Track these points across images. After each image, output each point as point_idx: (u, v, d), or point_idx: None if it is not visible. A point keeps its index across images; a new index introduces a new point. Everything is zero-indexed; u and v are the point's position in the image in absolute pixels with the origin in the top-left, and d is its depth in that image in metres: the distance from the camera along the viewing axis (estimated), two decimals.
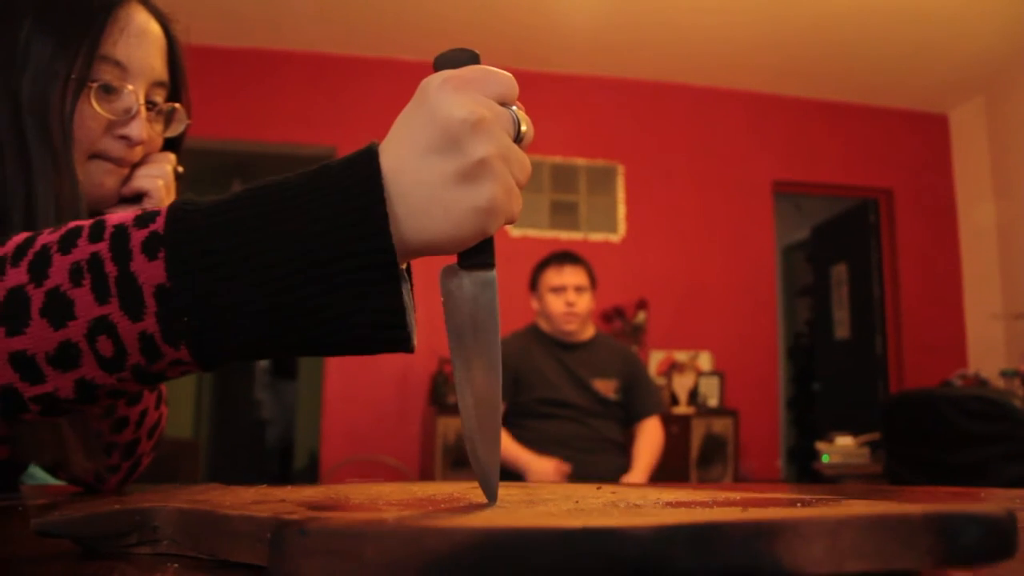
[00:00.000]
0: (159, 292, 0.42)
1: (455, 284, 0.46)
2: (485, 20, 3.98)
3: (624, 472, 2.42)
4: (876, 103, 4.88)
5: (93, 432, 0.78)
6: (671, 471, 3.91)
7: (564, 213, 4.50)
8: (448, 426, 3.77)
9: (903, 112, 4.94)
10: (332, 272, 0.42)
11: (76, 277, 0.43)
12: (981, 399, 2.12)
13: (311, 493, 0.53)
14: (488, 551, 0.28)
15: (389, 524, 0.29)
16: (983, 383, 3.91)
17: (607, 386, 2.49)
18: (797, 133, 4.81)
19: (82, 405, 0.46)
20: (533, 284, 2.59)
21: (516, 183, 0.46)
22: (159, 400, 0.85)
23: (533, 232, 4.38)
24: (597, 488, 0.56)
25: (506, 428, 2.36)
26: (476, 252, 0.46)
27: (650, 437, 2.48)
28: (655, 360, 4.43)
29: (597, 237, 4.50)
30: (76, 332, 0.43)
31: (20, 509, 0.66)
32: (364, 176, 0.43)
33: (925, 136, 4.98)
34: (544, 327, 2.54)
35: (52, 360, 0.43)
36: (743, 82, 4.67)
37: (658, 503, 0.44)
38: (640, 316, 4.42)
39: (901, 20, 3.87)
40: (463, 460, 3.69)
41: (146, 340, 0.43)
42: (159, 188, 0.81)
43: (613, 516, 0.35)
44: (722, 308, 4.57)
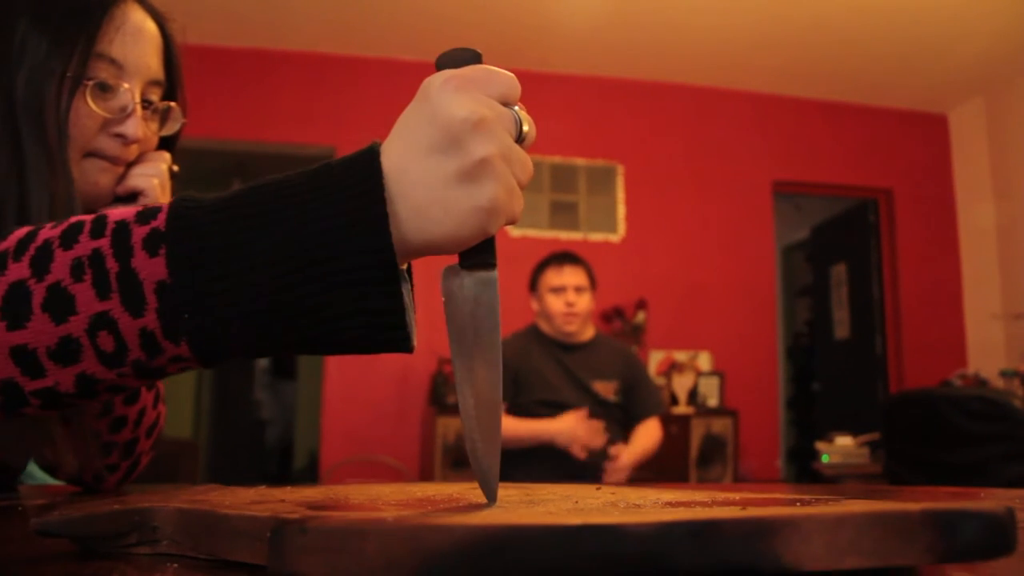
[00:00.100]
0: (160, 288, 0.42)
1: (456, 284, 0.46)
2: (485, 20, 3.98)
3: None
4: (876, 103, 4.88)
5: (86, 431, 0.78)
6: (671, 471, 3.90)
7: (564, 213, 4.50)
8: (448, 426, 3.76)
9: (903, 112, 4.94)
10: (332, 271, 0.42)
11: (78, 272, 0.43)
12: (981, 399, 2.12)
13: (310, 493, 0.53)
14: (488, 548, 0.28)
15: (389, 522, 0.29)
16: (983, 383, 3.91)
17: (607, 388, 2.48)
18: (797, 133, 4.81)
19: (82, 400, 0.46)
20: (533, 285, 2.59)
21: (518, 183, 0.45)
22: (157, 399, 0.85)
23: (533, 232, 4.37)
24: (596, 488, 0.56)
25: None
26: (477, 252, 0.46)
27: (647, 430, 2.46)
28: (655, 360, 4.42)
29: (597, 237, 4.50)
30: (77, 327, 0.43)
31: (19, 509, 0.66)
32: (365, 175, 0.43)
33: (925, 136, 4.98)
34: (544, 328, 2.54)
35: (53, 354, 0.44)
36: (743, 82, 4.67)
37: (658, 503, 0.44)
38: (640, 316, 4.42)
39: (901, 20, 3.87)
40: (463, 460, 3.69)
41: (146, 336, 0.43)
42: (154, 187, 0.81)
43: (613, 515, 0.35)
44: (722, 308, 4.57)
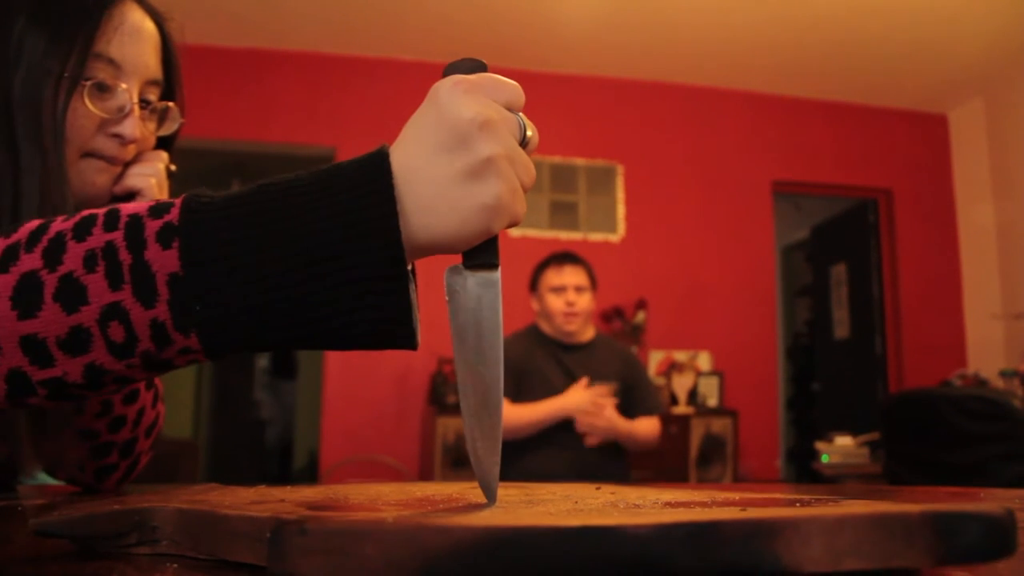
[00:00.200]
0: (172, 280, 0.43)
1: (459, 284, 0.47)
2: (485, 20, 3.98)
3: (623, 477, 2.41)
4: (875, 103, 4.88)
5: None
6: (670, 471, 3.90)
7: (563, 213, 4.50)
8: (447, 426, 3.76)
9: (902, 112, 4.94)
10: (341, 267, 0.43)
11: (90, 264, 0.44)
12: (981, 399, 2.12)
13: (310, 493, 0.53)
14: (487, 549, 0.28)
15: (389, 523, 0.29)
16: (983, 383, 3.91)
17: (606, 389, 2.48)
18: (796, 133, 4.81)
19: (88, 391, 0.47)
20: (533, 284, 2.58)
21: (521, 185, 0.47)
22: (156, 398, 0.85)
23: (533, 232, 4.37)
24: (596, 488, 0.56)
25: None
26: (480, 251, 0.47)
27: (646, 422, 2.45)
28: (654, 360, 4.42)
29: (596, 237, 4.50)
30: (88, 317, 0.44)
31: (19, 509, 0.66)
32: (375, 175, 0.44)
33: (924, 136, 4.98)
34: (544, 328, 2.54)
35: (63, 344, 0.44)
36: (742, 82, 4.67)
37: (657, 503, 0.44)
38: (639, 316, 4.42)
39: (901, 20, 3.87)
40: (462, 460, 3.69)
41: (157, 327, 0.44)
42: (152, 186, 0.81)
43: (612, 516, 0.35)
44: (721, 308, 4.57)
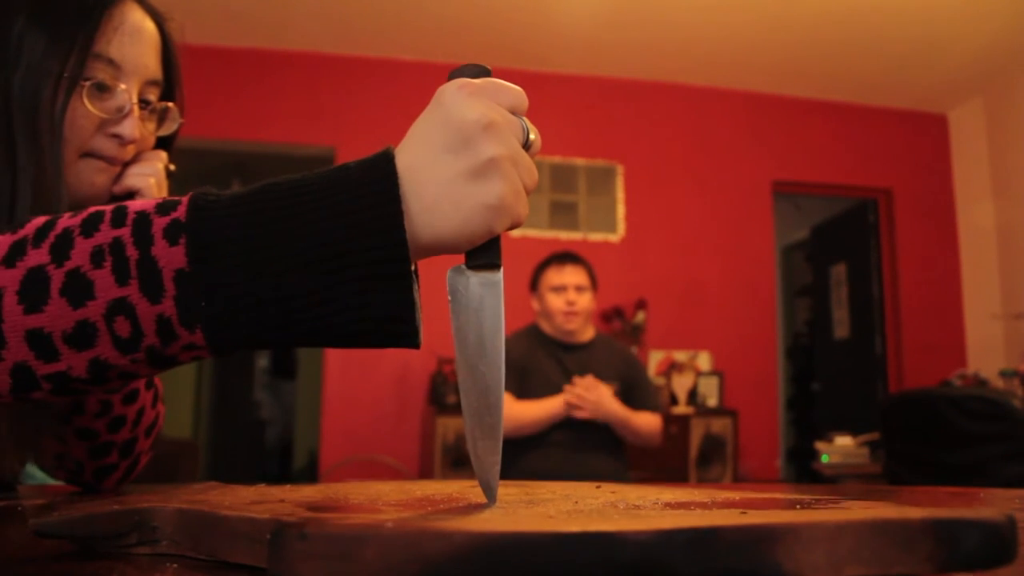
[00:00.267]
0: (178, 276, 0.43)
1: (462, 284, 0.48)
2: (485, 20, 3.98)
3: (622, 476, 2.41)
4: (876, 103, 4.88)
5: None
6: (670, 471, 3.91)
7: (563, 213, 4.50)
8: (447, 426, 3.76)
9: (903, 112, 4.94)
10: (346, 265, 0.43)
11: (98, 259, 0.44)
12: (980, 399, 2.12)
13: (310, 493, 0.53)
14: (487, 554, 0.28)
15: (388, 527, 0.29)
16: (982, 383, 3.91)
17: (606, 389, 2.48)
18: (796, 133, 4.81)
19: (92, 386, 0.47)
20: (533, 284, 2.58)
21: (524, 187, 0.47)
22: (156, 398, 0.85)
23: (532, 232, 4.37)
24: (596, 487, 0.56)
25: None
26: (483, 252, 0.47)
27: (644, 415, 2.44)
28: (654, 360, 4.42)
29: (596, 237, 4.50)
30: (94, 312, 0.44)
31: (19, 509, 0.66)
32: (380, 175, 0.45)
33: (924, 136, 4.98)
34: (545, 328, 2.54)
35: (68, 339, 0.44)
36: (742, 82, 4.67)
37: (657, 504, 0.44)
38: (639, 316, 4.42)
39: (901, 20, 3.87)
40: (462, 460, 3.69)
41: (163, 323, 0.44)
42: (151, 186, 0.81)
43: (612, 518, 0.35)
44: (721, 308, 4.57)
